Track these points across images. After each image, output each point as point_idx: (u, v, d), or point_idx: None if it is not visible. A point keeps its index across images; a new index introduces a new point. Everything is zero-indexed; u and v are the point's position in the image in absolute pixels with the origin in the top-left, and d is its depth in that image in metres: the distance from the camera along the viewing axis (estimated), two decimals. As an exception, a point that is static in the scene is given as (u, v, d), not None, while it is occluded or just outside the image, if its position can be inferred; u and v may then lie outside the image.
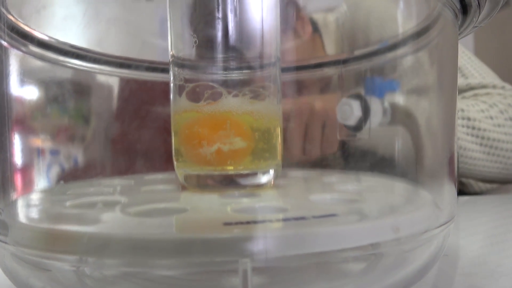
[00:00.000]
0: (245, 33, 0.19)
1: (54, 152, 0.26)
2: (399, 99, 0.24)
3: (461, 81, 0.59)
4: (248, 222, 0.14)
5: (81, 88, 0.28)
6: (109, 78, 0.28)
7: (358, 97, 0.27)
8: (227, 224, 0.14)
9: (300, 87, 0.31)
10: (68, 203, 0.18)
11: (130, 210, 0.16)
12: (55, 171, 0.25)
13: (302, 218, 0.14)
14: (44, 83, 0.25)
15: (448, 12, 0.18)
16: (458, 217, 0.19)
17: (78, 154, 0.27)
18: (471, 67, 0.59)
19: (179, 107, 0.20)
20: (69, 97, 0.26)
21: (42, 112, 0.25)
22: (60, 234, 0.14)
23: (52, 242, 0.14)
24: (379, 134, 0.25)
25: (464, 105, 0.54)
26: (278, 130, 0.20)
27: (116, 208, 0.16)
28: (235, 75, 0.20)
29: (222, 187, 0.20)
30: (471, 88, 0.58)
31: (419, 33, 0.19)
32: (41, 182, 0.24)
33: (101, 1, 0.26)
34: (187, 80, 0.20)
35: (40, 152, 0.25)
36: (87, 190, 0.22)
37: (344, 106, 0.27)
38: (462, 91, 0.59)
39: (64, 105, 0.26)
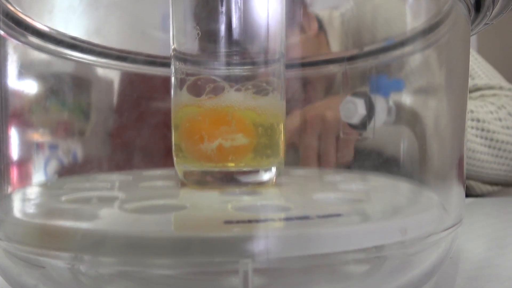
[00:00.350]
0: (249, 27, 0.19)
1: (51, 146, 0.25)
2: (405, 98, 0.23)
3: None
4: (250, 221, 0.13)
5: (79, 81, 0.27)
6: (108, 72, 0.28)
7: (363, 95, 0.26)
8: (228, 222, 0.13)
9: (304, 84, 0.31)
10: (63, 198, 0.18)
11: (128, 206, 0.16)
12: (51, 165, 0.25)
13: (306, 217, 0.14)
14: (41, 75, 0.24)
15: (461, 6, 0.17)
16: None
17: (75, 149, 0.27)
18: (478, 68, 0.59)
19: (180, 101, 0.20)
20: (67, 90, 0.26)
21: (38, 104, 0.25)
22: (54, 230, 0.14)
23: (46, 238, 0.13)
24: (384, 134, 0.25)
25: (473, 106, 0.54)
26: (281, 127, 0.20)
27: (113, 204, 0.16)
28: (238, 70, 0.19)
29: (222, 184, 0.19)
30: (478, 89, 0.58)
31: (429, 29, 0.19)
32: (36, 176, 0.24)
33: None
34: (188, 75, 0.19)
35: (35, 146, 0.24)
36: (84, 185, 0.21)
37: (348, 104, 0.26)
38: (468, 91, 0.58)
39: (61, 98, 0.26)
